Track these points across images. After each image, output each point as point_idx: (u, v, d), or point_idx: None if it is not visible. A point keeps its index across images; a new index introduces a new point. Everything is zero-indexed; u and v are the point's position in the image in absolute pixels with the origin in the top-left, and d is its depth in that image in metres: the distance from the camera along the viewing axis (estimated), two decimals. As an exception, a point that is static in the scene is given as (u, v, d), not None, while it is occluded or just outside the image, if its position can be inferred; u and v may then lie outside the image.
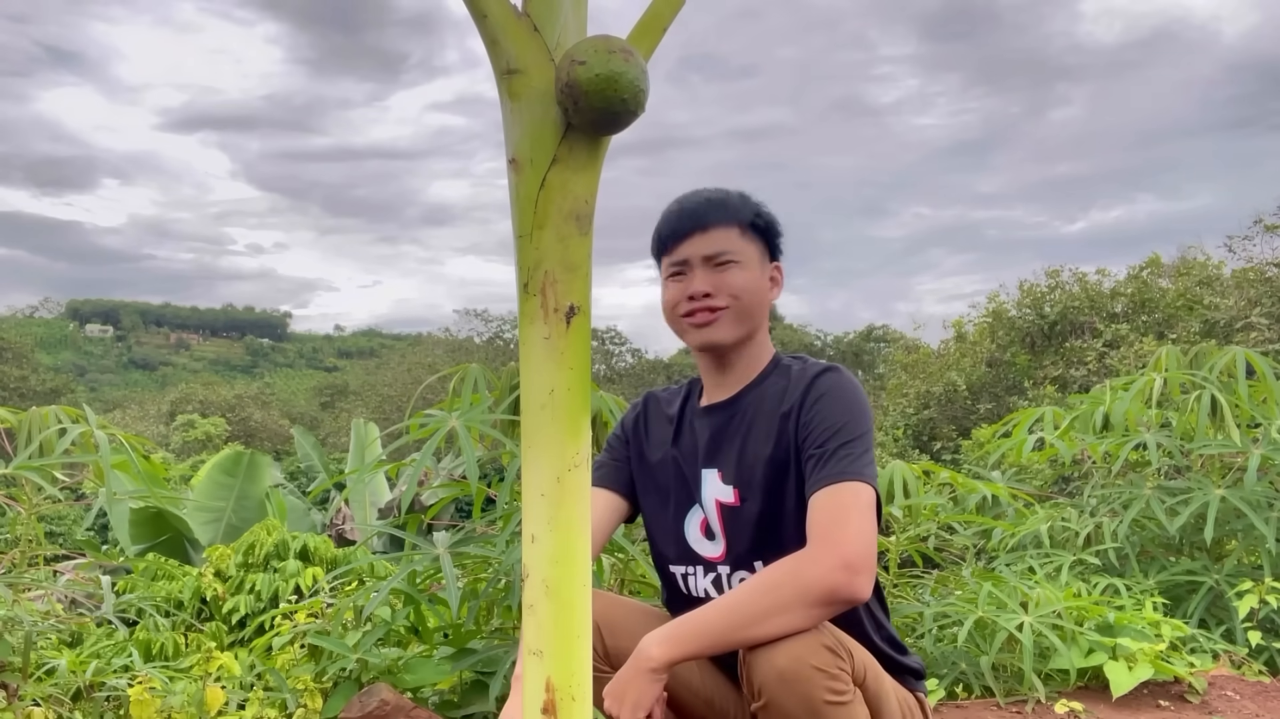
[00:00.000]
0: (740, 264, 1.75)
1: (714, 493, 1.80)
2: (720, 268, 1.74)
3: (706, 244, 1.74)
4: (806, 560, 1.59)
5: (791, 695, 1.54)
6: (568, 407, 1.00)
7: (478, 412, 2.90)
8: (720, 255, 1.74)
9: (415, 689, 2.70)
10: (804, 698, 1.54)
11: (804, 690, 1.53)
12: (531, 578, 1.02)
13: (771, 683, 1.55)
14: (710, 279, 1.74)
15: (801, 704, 1.54)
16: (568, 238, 1.00)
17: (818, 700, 1.54)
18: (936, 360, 19.31)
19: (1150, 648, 3.09)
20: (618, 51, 0.94)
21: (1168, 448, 4.10)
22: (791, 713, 1.55)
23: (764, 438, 1.75)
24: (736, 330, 1.77)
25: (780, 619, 1.55)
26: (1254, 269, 15.25)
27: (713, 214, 1.76)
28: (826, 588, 1.55)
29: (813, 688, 1.53)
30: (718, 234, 1.75)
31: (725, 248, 1.74)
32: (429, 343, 36.60)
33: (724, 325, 1.76)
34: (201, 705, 2.61)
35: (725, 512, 1.79)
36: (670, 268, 1.79)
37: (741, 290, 1.75)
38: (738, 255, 1.75)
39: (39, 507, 3.09)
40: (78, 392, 35.70)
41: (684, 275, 1.77)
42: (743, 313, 1.76)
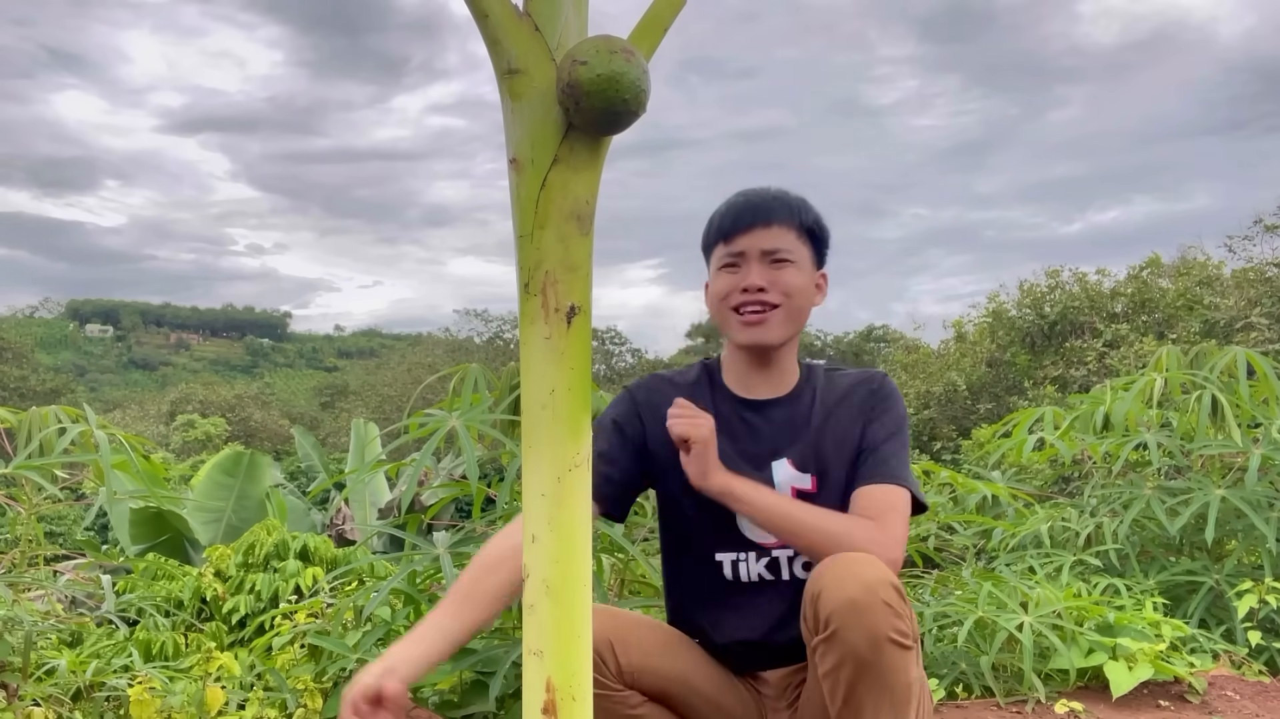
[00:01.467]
0: (796, 265, 1.78)
1: (788, 480, 1.82)
2: (777, 265, 1.77)
3: (767, 239, 1.77)
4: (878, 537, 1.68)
5: (859, 625, 1.54)
6: (568, 407, 1.00)
7: (478, 411, 2.90)
8: (779, 252, 1.77)
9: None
10: (870, 630, 1.54)
11: (872, 621, 1.54)
12: (532, 578, 1.02)
13: (842, 610, 1.55)
14: (766, 274, 1.76)
15: (867, 636, 1.54)
16: (568, 238, 1.00)
17: (882, 636, 1.54)
18: (936, 360, 19.32)
19: (1150, 648, 3.09)
20: (619, 51, 0.94)
21: (1168, 448, 4.10)
22: (855, 645, 1.54)
23: (844, 431, 1.82)
24: (785, 331, 1.80)
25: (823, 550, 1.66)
26: (1254, 269, 15.26)
27: (777, 210, 1.78)
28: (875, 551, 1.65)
29: (881, 621, 1.54)
30: (779, 230, 1.77)
31: (784, 245, 1.77)
32: (429, 343, 36.62)
33: (774, 326, 1.78)
34: (201, 705, 2.61)
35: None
36: (725, 258, 1.80)
37: (795, 290, 1.78)
38: (794, 255, 1.78)
39: (39, 507, 3.09)
40: (78, 392, 35.70)
41: (738, 268, 1.78)
42: (793, 313, 1.79)
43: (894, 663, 1.56)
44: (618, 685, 1.76)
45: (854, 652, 1.55)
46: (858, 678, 1.56)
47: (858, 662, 1.55)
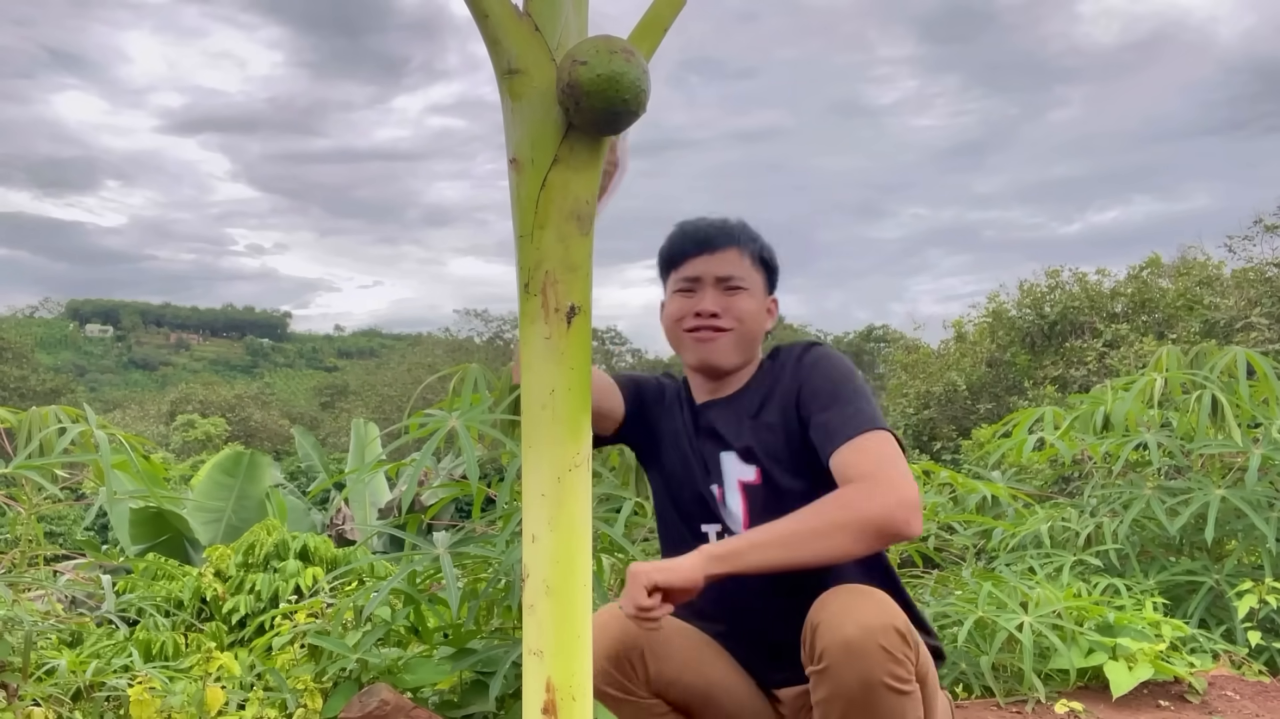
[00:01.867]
0: (748, 291, 1.83)
1: (734, 472, 1.85)
2: (730, 292, 1.82)
3: (721, 265, 1.82)
4: (864, 493, 1.60)
5: (851, 668, 1.52)
6: (568, 407, 1.00)
7: (478, 412, 2.90)
8: (731, 279, 1.82)
9: (415, 689, 2.70)
10: (863, 674, 1.51)
11: (865, 666, 1.51)
12: (532, 578, 1.02)
13: (835, 650, 1.53)
14: (720, 300, 1.81)
15: (859, 680, 1.51)
16: (568, 238, 1.00)
17: (876, 680, 1.51)
18: (936, 360, 19.31)
19: (1150, 648, 3.09)
20: (619, 52, 0.94)
21: (1168, 448, 4.10)
22: (847, 686, 1.52)
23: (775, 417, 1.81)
24: (735, 356, 1.85)
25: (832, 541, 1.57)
26: (1254, 269, 15.25)
27: (725, 239, 1.83)
28: (886, 520, 1.57)
29: (875, 666, 1.51)
30: (729, 257, 1.82)
31: (736, 272, 1.82)
32: (429, 343, 36.61)
33: (725, 349, 1.83)
34: (201, 705, 2.61)
35: (748, 490, 1.84)
36: (679, 283, 1.85)
37: (747, 316, 1.82)
38: (746, 282, 1.83)
39: (39, 507, 3.09)
40: (78, 392, 35.66)
41: (693, 293, 1.83)
42: (744, 338, 1.83)
43: (888, 707, 1.53)
44: (645, 693, 1.77)
45: (845, 692, 1.53)
46: (849, 714, 1.54)
47: (848, 701, 1.53)
